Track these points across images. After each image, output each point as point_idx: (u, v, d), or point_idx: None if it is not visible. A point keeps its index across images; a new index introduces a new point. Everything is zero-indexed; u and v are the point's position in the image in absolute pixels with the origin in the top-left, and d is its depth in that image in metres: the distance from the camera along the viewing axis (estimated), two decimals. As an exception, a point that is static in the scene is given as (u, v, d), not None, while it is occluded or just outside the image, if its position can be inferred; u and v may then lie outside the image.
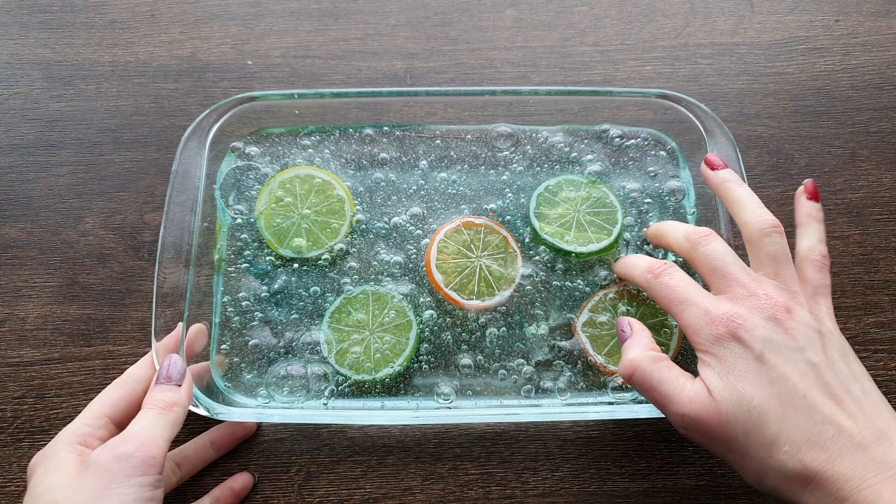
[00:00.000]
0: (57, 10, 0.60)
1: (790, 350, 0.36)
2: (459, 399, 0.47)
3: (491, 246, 0.48)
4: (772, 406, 0.34)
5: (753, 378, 0.35)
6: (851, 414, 0.34)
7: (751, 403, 0.34)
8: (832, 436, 0.33)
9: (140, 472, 0.35)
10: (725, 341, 0.36)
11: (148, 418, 0.38)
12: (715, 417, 0.35)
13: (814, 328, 0.37)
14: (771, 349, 0.35)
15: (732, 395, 0.35)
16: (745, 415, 0.35)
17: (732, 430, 0.35)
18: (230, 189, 0.51)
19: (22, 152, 0.55)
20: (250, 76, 0.58)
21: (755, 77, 0.58)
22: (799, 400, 0.34)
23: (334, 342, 0.47)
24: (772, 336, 0.36)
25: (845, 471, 0.32)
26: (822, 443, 0.33)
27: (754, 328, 0.36)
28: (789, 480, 0.34)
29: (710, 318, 0.37)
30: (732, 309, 0.37)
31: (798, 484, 0.33)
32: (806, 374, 0.35)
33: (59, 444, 0.39)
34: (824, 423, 0.33)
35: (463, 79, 0.58)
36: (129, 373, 0.43)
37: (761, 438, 0.34)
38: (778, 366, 0.35)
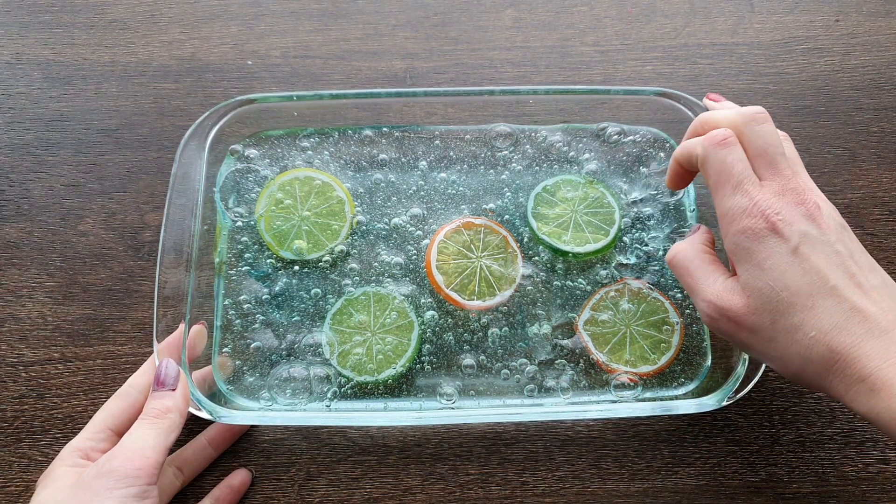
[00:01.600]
0: (57, 10, 0.60)
1: (823, 244, 0.36)
2: (462, 399, 0.47)
3: (491, 246, 0.48)
4: (801, 295, 0.35)
5: (787, 269, 0.36)
6: (875, 302, 0.35)
7: (779, 295, 0.35)
8: (858, 322, 0.34)
9: (124, 485, 0.36)
10: (766, 237, 0.36)
11: (139, 430, 0.39)
12: (743, 308, 0.36)
13: (838, 222, 0.38)
14: (806, 242, 0.36)
15: (763, 290, 0.36)
16: (774, 305, 0.35)
17: (760, 319, 0.36)
18: (230, 192, 0.51)
19: (22, 152, 0.55)
20: (250, 76, 0.58)
21: (755, 77, 0.58)
22: (829, 290, 0.35)
23: (336, 344, 0.47)
24: (807, 230, 0.36)
25: (869, 352, 0.33)
26: (848, 328, 0.34)
27: (792, 222, 0.36)
28: (814, 364, 0.35)
29: (757, 207, 0.37)
30: (775, 203, 0.37)
31: (822, 366, 0.34)
32: (836, 266, 0.36)
33: (60, 460, 0.40)
34: (851, 310, 0.34)
35: (463, 79, 0.58)
36: (130, 383, 0.44)
37: (788, 325, 0.35)
38: (811, 257, 0.35)
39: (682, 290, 0.50)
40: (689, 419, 0.49)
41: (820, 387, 0.36)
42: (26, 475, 0.47)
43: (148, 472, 0.37)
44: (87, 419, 0.48)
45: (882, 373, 0.33)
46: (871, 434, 0.48)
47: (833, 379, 0.34)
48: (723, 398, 0.44)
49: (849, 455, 0.48)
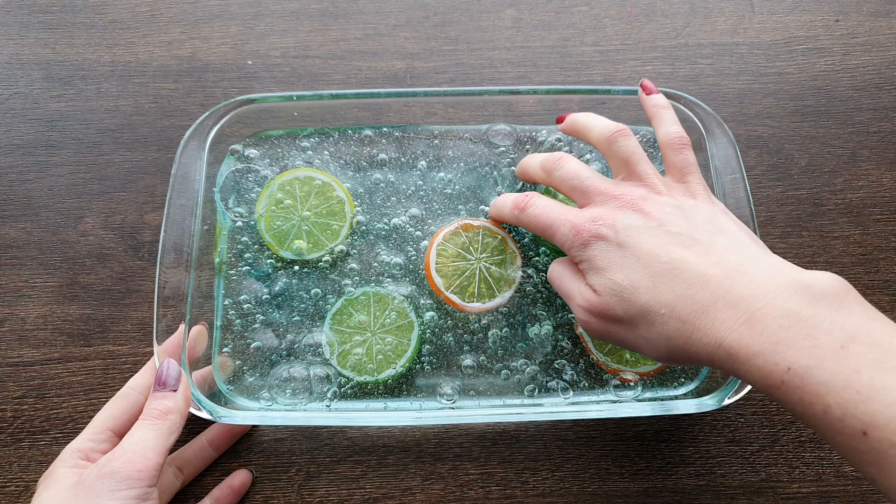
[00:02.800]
0: (57, 10, 0.60)
1: (650, 228, 0.37)
2: (462, 399, 0.47)
3: (490, 248, 0.48)
4: (641, 279, 0.36)
5: (620, 263, 0.37)
6: (716, 262, 0.35)
7: (621, 285, 0.36)
8: (701, 287, 0.34)
9: (125, 487, 0.36)
10: (592, 243, 0.38)
11: (140, 431, 0.39)
12: (600, 307, 0.37)
13: (674, 206, 0.38)
14: (630, 233, 0.37)
15: (607, 286, 0.37)
16: (619, 296, 0.36)
17: (615, 312, 0.37)
18: (230, 192, 0.51)
19: (22, 152, 0.55)
20: (250, 76, 0.58)
21: (755, 77, 0.58)
22: (664, 266, 0.35)
23: (336, 344, 0.47)
24: (630, 222, 0.38)
25: (717, 316, 0.33)
26: (693, 296, 0.34)
27: (614, 222, 0.38)
28: (674, 339, 0.35)
29: (575, 230, 0.39)
30: (593, 213, 0.39)
31: (682, 340, 0.34)
32: (667, 243, 0.36)
33: (61, 461, 0.40)
34: (693, 278, 0.34)
35: (463, 79, 0.58)
36: (131, 384, 0.44)
37: (640, 309, 0.36)
38: (640, 244, 0.37)
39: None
40: (689, 419, 0.49)
41: (692, 362, 0.35)
42: (26, 475, 0.47)
43: (149, 474, 0.37)
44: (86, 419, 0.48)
45: (732, 337, 0.32)
46: (871, 434, 0.48)
47: (697, 349, 0.34)
48: (723, 398, 0.44)
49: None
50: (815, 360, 0.29)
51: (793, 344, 0.30)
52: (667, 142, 0.42)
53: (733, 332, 0.32)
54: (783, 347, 0.30)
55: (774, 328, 0.31)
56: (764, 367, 0.31)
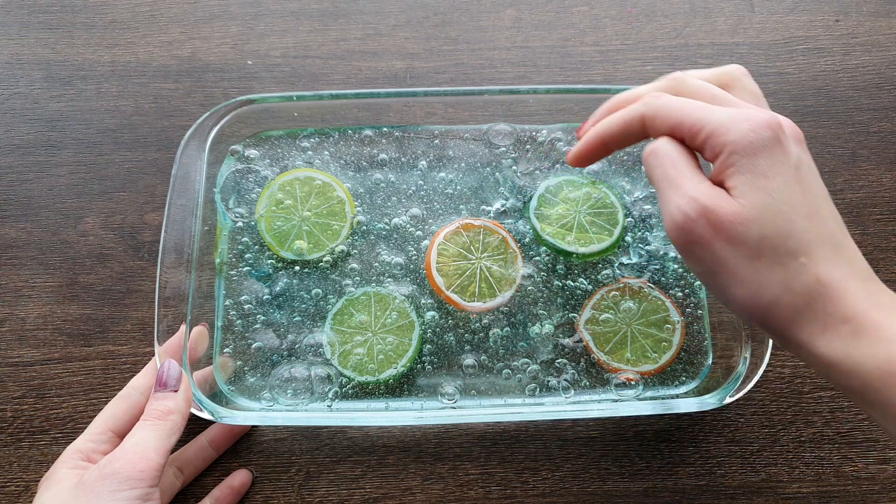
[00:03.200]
0: (57, 10, 0.60)
1: (815, 172, 0.34)
2: (463, 399, 0.47)
3: (490, 247, 0.48)
4: (800, 215, 0.32)
5: (791, 184, 0.32)
6: (852, 246, 0.33)
7: (780, 208, 0.31)
8: (846, 260, 0.32)
9: (127, 487, 0.36)
10: (766, 144, 0.32)
11: (141, 432, 0.39)
12: (732, 214, 0.32)
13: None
14: (803, 166, 0.33)
15: (760, 196, 0.32)
16: (771, 217, 0.31)
17: (747, 230, 0.31)
18: (230, 192, 0.51)
19: (22, 152, 0.55)
20: (250, 76, 0.58)
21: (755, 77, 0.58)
22: (823, 218, 0.32)
23: (337, 344, 0.47)
24: (802, 155, 0.33)
25: (855, 292, 0.31)
26: (837, 262, 0.31)
27: (790, 138, 0.33)
28: (795, 294, 0.31)
29: (746, 116, 0.33)
30: (773, 119, 0.33)
31: (804, 299, 0.31)
32: (827, 196, 0.33)
33: (62, 461, 0.40)
34: (838, 246, 0.32)
35: (463, 79, 0.58)
36: (132, 385, 0.44)
37: (780, 245, 0.31)
38: (810, 180, 0.33)
39: (684, 289, 0.50)
40: (690, 419, 0.49)
41: (787, 325, 0.32)
42: (26, 475, 0.47)
43: (150, 475, 0.37)
44: (86, 419, 0.48)
45: (869, 315, 0.30)
46: (871, 434, 0.48)
47: (810, 316, 0.31)
48: (724, 397, 0.44)
49: (849, 455, 0.48)
50: None
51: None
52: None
53: (871, 311, 0.30)
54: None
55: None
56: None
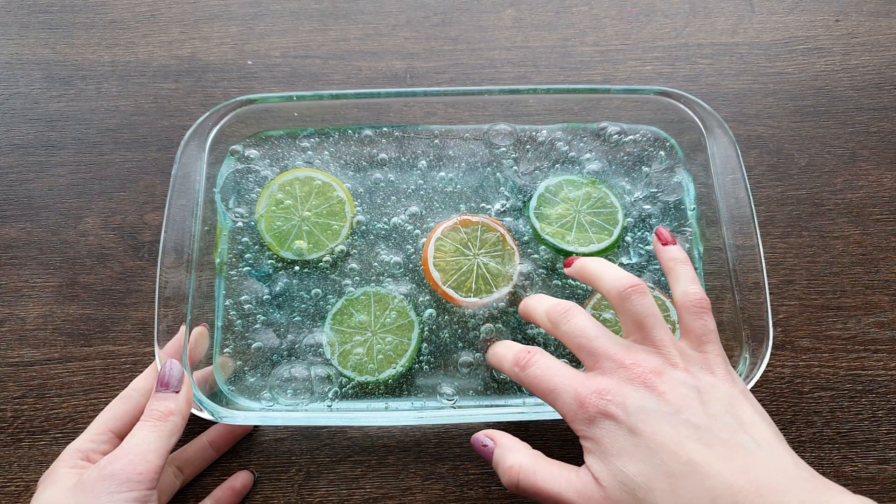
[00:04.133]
0: (57, 10, 0.60)
1: (665, 415, 0.33)
2: (462, 399, 0.47)
3: (488, 243, 0.48)
4: (657, 479, 0.32)
5: (632, 452, 0.33)
6: (743, 471, 0.31)
7: (634, 482, 0.32)
8: (728, 498, 0.30)
9: (125, 489, 0.36)
10: (598, 420, 0.34)
11: (141, 433, 0.38)
12: (603, 499, 0.33)
13: (690, 386, 0.35)
14: (644, 419, 0.33)
15: (616, 478, 0.33)
16: (631, 493, 0.32)
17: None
18: (230, 192, 0.51)
19: (22, 152, 0.55)
20: (250, 76, 0.58)
21: (755, 77, 0.58)
22: (684, 467, 0.32)
23: (337, 344, 0.47)
24: (643, 404, 0.34)
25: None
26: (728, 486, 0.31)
27: (624, 400, 0.34)
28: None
29: (580, 402, 0.35)
30: (600, 385, 0.35)
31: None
32: (687, 437, 0.32)
33: (61, 461, 0.40)
34: (718, 489, 0.31)
35: (463, 79, 0.58)
36: (133, 386, 0.44)
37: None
38: (655, 435, 0.33)
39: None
40: (690, 419, 0.49)
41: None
42: (26, 475, 0.47)
43: (149, 477, 0.37)
44: (86, 419, 0.48)
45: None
46: (871, 434, 0.48)
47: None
48: (723, 398, 0.44)
49: (849, 455, 0.48)
50: None
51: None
52: (684, 303, 0.39)
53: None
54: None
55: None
56: None
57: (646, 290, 0.38)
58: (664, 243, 0.43)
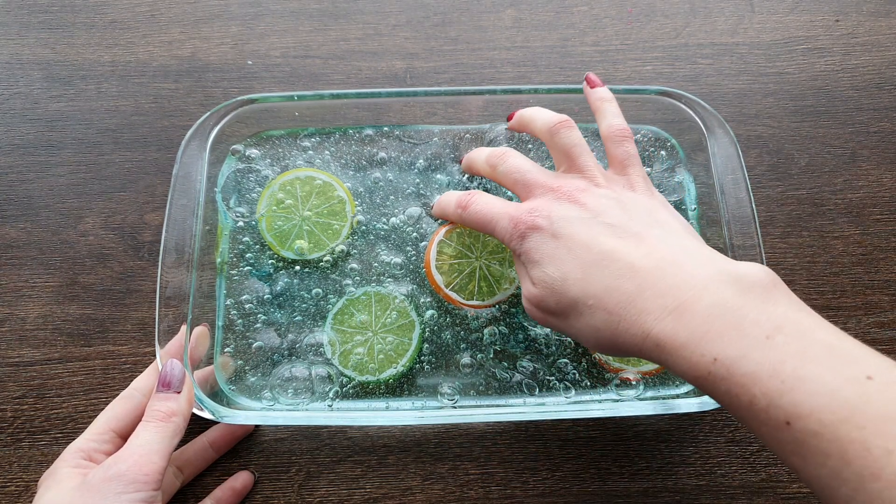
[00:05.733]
0: (57, 10, 0.60)
1: (585, 219, 0.37)
2: (463, 399, 0.47)
3: (490, 246, 0.48)
4: (572, 271, 0.36)
5: (553, 255, 0.37)
6: (647, 254, 0.35)
7: (553, 277, 0.36)
8: (630, 278, 0.34)
9: (132, 490, 0.36)
10: (528, 235, 0.38)
11: (144, 434, 0.38)
12: (536, 298, 0.38)
13: (611, 197, 0.39)
14: (564, 224, 0.37)
15: (541, 277, 0.37)
16: (551, 288, 0.36)
17: (548, 303, 0.37)
18: (231, 192, 0.51)
19: (22, 152, 0.55)
20: (250, 76, 0.58)
21: (755, 77, 0.58)
22: (594, 256, 0.35)
23: (338, 344, 0.47)
24: (565, 213, 0.38)
25: (643, 306, 0.33)
26: (619, 287, 0.34)
27: (549, 213, 0.38)
28: (601, 331, 0.35)
29: (514, 221, 0.39)
30: (531, 205, 0.39)
31: (609, 332, 0.34)
32: (600, 234, 0.36)
33: (63, 461, 0.40)
34: (621, 269, 0.34)
35: (463, 79, 0.58)
36: (134, 385, 0.44)
37: (570, 301, 0.36)
38: (573, 235, 0.37)
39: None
40: (690, 419, 0.49)
41: (622, 353, 0.35)
42: (26, 475, 0.47)
43: (154, 478, 0.37)
44: (87, 419, 0.48)
45: (659, 328, 0.32)
46: (871, 434, 0.48)
47: (625, 340, 0.34)
48: (724, 398, 0.44)
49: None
50: (742, 351, 0.30)
51: (720, 334, 0.30)
52: (608, 134, 0.42)
53: (660, 322, 0.32)
54: (710, 338, 0.31)
55: (702, 319, 0.31)
56: (691, 357, 0.31)
57: (573, 125, 0.42)
58: (592, 86, 0.46)
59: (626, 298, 0.34)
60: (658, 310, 0.33)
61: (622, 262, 0.35)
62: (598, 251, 0.36)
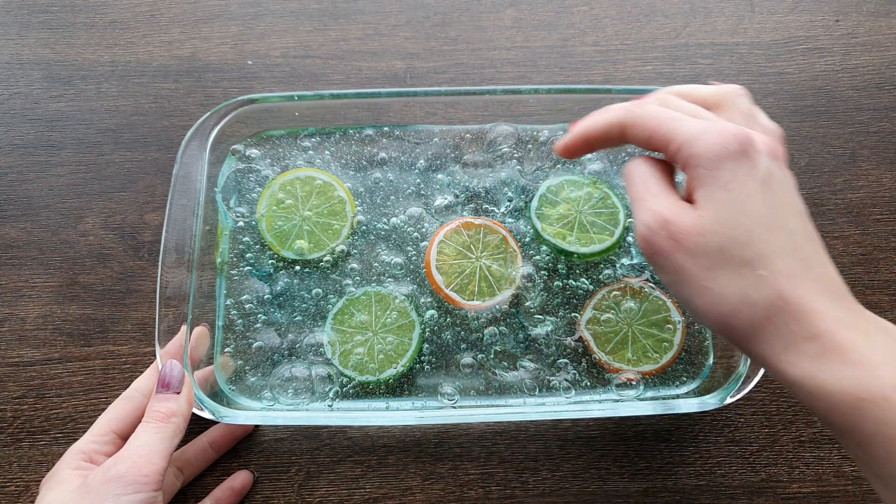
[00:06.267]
0: (57, 10, 0.60)
1: (789, 187, 0.33)
2: (463, 399, 0.47)
3: (490, 246, 0.48)
4: (762, 227, 0.31)
5: (753, 195, 0.31)
6: (826, 265, 0.32)
7: (738, 219, 0.31)
8: (814, 276, 0.30)
9: (132, 491, 0.36)
10: (732, 156, 0.32)
11: (144, 434, 0.38)
12: (691, 224, 0.32)
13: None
14: (774, 178, 0.32)
15: (721, 208, 0.31)
16: (729, 229, 0.31)
17: (704, 241, 0.31)
18: (231, 192, 0.51)
19: (22, 152, 0.55)
20: (250, 76, 0.58)
21: (755, 77, 0.58)
22: (790, 231, 0.31)
23: (338, 344, 0.47)
24: (774, 169, 0.32)
25: (823, 309, 0.29)
26: (801, 278, 0.30)
27: (762, 153, 0.32)
28: (753, 306, 0.30)
29: (716, 129, 0.32)
30: (743, 129, 0.32)
31: (763, 312, 0.30)
32: (801, 212, 0.33)
33: (64, 462, 0.40)
34: (805, 261, 0.31)
35: (463, 79, 0.58)
36: (135, 386, 0.44)
37: (738, 255, 0.31)
38: (778, 193, 0.32)
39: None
40: (690, 419, 0.49)
41: (748, 338, 0.31)
42: (26, 475, 0.47)
43: (155, 479, 0.37)
44: (87, 419, 0.48)
45: (839, 336, 0.29)
46: (871, 434, 0.48)
47: (771, 331, 0.30)
48: (724, 397, 0.44)
49: (849, 455, 0.48)
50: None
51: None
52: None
53: (840, 331, 0.29)
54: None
55: None
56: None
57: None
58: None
59: (807, 294, 0.30)
60: (843, 318, 0.30)
61: (805, 254, 0.31)
62: (793, 228, 0.31)
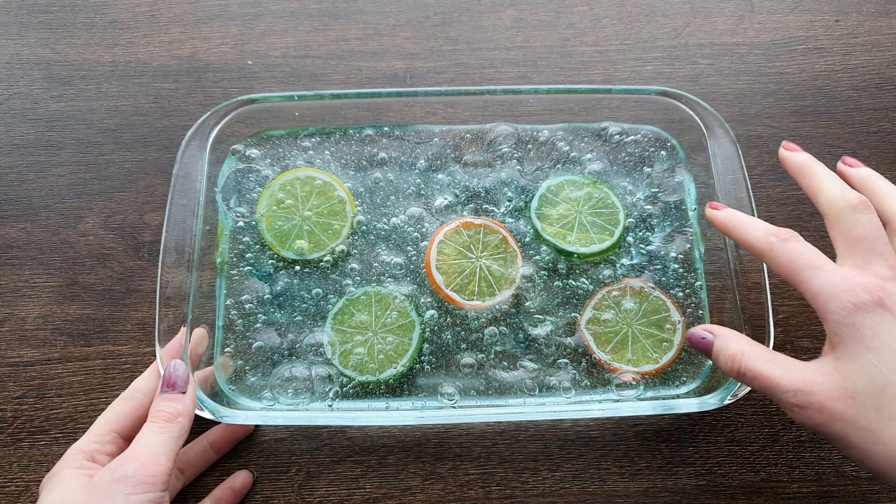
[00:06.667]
0: (57, 10, 0.60)
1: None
2: (463, 399, 0.47)
3: (490, 246, 0.48)
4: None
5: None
6: None
7: (888, 378, 0.31)
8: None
9: (140, 491, 0.36)
10: (868, 309, 0.32)
11: (150, 434, 0.38)
12: (837, 391, 0.32)
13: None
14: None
15: (864, 368, 0.31)
16: (881, 388, 0.31)
17: (859, 403, 0.31)
18: (231, 192, 0.51)
19: (22, 152, 0.55)
20: (250, 76, 0.58)
21: (755, 77, 0.58)
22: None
23: (338, 344, 0.47)
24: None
25: None
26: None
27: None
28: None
29: (849, 284, 0.33)
30: (875, 278, 0.33)
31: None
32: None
33: (66, 462, 0.39)
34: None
35: (463, 79, 0.58)
36: (135, 386, 0.43)
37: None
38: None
39: (684, 289, 0.50)
40: (690, 419, 0.49)
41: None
42: (26, 475, 0.47)
43: (162, 479, 0.37)
44: (87, 419, 0.48)
45: None
46: (871, 434, 0.48)
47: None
48: (725, 397, 0.44)
49: (849, 455, 0.48)
50: None
51: None
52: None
53: None
54: None
55: None
56: None
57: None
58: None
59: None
60: None
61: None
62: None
